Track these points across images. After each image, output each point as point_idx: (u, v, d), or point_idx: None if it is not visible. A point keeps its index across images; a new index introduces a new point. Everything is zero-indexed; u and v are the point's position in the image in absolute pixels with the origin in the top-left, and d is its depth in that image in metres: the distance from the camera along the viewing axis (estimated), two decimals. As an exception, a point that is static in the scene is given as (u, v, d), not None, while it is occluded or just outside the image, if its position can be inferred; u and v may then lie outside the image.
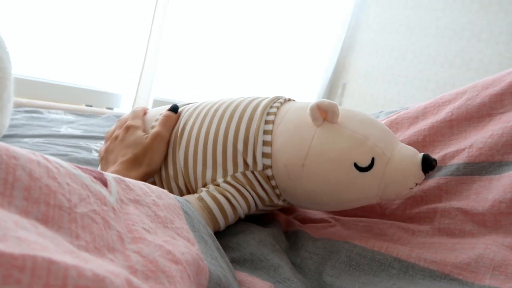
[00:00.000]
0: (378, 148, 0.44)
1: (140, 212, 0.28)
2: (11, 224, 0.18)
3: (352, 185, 0.45)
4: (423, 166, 0.44)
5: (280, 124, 0.48)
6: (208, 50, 1.91)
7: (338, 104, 2.09)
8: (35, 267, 0.16)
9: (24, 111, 1.02)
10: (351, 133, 0.45)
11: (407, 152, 0.45)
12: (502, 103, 0.51)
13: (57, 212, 0.21)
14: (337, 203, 0.47)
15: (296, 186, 0.47)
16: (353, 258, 0.43)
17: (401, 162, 0.44)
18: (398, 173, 0.44)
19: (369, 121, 0.47)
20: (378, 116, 0.79)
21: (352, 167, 0.44)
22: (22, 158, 0.22)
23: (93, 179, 0.26)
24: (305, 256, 0.46)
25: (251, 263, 0.42)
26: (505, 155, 0.47)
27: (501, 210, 0.43)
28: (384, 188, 0.45)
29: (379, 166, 0.44)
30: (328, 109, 0.45)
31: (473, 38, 1.89)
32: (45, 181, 0.22)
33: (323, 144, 0.45)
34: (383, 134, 0.46)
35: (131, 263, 0.23)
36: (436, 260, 0.40)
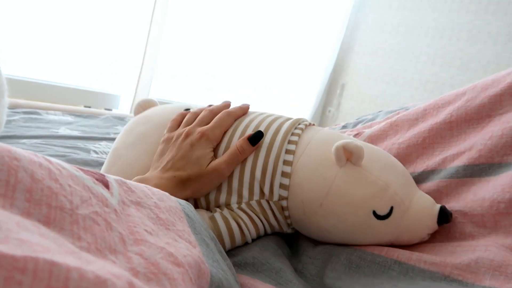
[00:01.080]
0: (398, 197, 0.44)
1: (142, 214, 0.28)
2: (13, 225, 0.18)
3: (367, 231, 0.45)
4: (439, 219, 0.44)
5: (302, 156, 0.47)
6: (207, 50, 1.91)
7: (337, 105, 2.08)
8: (37, 269, 0.16)
9: (22, 112, 1.02)
10: (374, 179, 0.44)
11: (425, 203, 0.45)
12: (501, 104, 0.51)
13: (59, 214, 0.21)
14: (348, 242, 0.47)
15: (311, 222, 0.47)
16: (353, 261, 0.43)
17: (418, 213, 0.44)
18: (414, 224, 0.44)
19: (391, 165, 0.47)
20: (377, 115, 0.79)
21: (370, 214, 0.44)
22: (24, 159, 0.22)
23: (95, 181, 0.26)
24: (306, 261, 0.46)
25: (252, 267, 0.42)
26: (504, 157, 0.47)
27: (500, 210, 0.43)
28: (397, 236, 0.45)
29: (396, 215, 0.44)
30: (354, 152, 0.44)
31: (471, 39, 1.89)
32: (47, 183, 0.22)
33: (345, 186, 0.44)
34: (404, 180, 0.46)
35: (133, 265, 0.22)
36: (436, 261, 0.40)
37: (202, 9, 1.84)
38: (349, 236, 0.46)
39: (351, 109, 2.31)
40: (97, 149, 0.85)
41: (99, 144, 0.89)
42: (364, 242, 0.46)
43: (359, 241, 0.46)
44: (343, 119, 2.33)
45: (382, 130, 0.62)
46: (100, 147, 0.87)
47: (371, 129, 0.65)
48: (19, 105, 1.08)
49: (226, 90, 2.03)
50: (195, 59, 1.88)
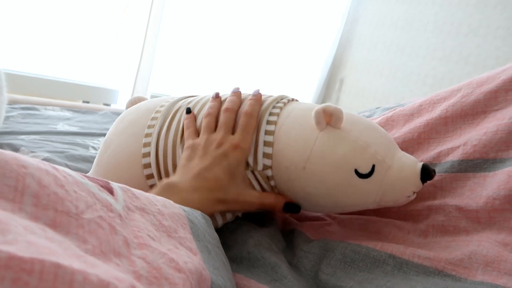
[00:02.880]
0: (379, 155, 0.45)
1: (145, 220, 0.28)
2: (21, 228, 0.19)
3: (351, 190, 0.45)
4: (422, 176, 0.45)
5: (283, 125, 0.48)
6: (205, 44, 1.90)
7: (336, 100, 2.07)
8: (43, 270, 0.17)
9: (20, 108, 1.02)
10: (354, 139, 0.45)
11: (407, 160, 0.46)
12: (496, 100, 0.52)
13: (65, 218, 0.22)
14: (334, 207, 0.48)
15: (296, 187, 0.47)
16: (348, 255, 0.44)
17: (400, 171, 0.45)
18: (397, 181, 0.45)
19: (372, 127, 0.47)
20: (374, 112, 0.79)
21: (352, 173, 0.44)
22: (31, 167, 0.23)
23: (100, 188, 0.27)
24: (301, 255, 0.46)
25: (248, 261, 0.43)
26: (499, 152, 0.48)
27: (494, 206, 0.44)
28: (382, 195, 0.45)
29: (379, 173, 0.44)
30: (333, 114, 0.45)
31: (470, 33, 1.88)
32: (53, 189, 0.23)
33: (325, 148, 0.45)
34: (385, 141, 0.46)
35: (136, 268, 0.23)
36: (430, 256, 0.41)
37: (200, 4, 1.83)
38: (334, 198, 0.46)
39: (350, 104, 2.31)
40: (96, 145, 0.85)
41: (98, 140, 0.89)
42: (349, 203, 0.47)
43: (344, 202, 0.46)
44: (342, 113, 2.32)
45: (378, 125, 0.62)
46: (98, 143, 0.87)
47: (367, 125, 0.65)
48: (17, 101, 1.08)
49: (225, 85, 2.03)
50: (193, 53, 1.88)
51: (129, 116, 0.58)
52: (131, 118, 0.57)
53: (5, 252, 0.16)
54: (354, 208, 0.48)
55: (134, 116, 0.57)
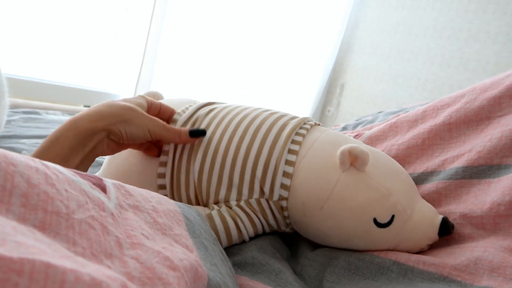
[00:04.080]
0: (400, 205, 0.44)
1: (139, 218, 0.28)
2: (10, 229, 0.18)
3: (367, 237, 0.44)
4: (440, 231, 0.44)
5: (305, 157, 0.47)
6: (206, 49, 1.91)
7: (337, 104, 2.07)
8: (33, 270, 0.16)
9: (21, 112, 1.02)
10: (376, 186, 0.44)
11: (427, 213, 0.45)
12: (500, 106, 0.52)
13: (55, 219, 0.21)
14: (346, 247, 0.47)
15: (310, 224, 0.46)
16: (352, 262, 0.43)
17: (419, 224, 0.44)
18: (414, 234, 0.44)
19: (395, 172, 0.46)
20: (377, 117, 0.79)
21: (371, 221, 0.43)
22: (21, 164, 0.22)
23: (92, 185, 0.26)
24: (305, 263, 0.46)
25: (252, 267, 0.42)
26: (503, 158, 0.47)
27: (499, 212, 0.43)
28: (397, 244, 0.45)
29: (397, 223, 0.44)
30: (359, 157, 0.43)
31: (470, 38, 1.89)
32: (43, 188, 0.22)
33: (347, 191, 0.44)
34: (407, 188, 0.45)
35: (129, 269, 0.22)
36: (435, 262, 0.40)
37: (201, 8, 1.84)
38: (348, 242, 0.45)
39: (350, 109, 2.31)
40: (97, 149, 0.85)
41: (99, 144, 0.89)
42: (363, 248, 0.46)
43: (358, 246, 0.46)
44: (342, 118, 2.33)
45: (382, 131, 0.62)
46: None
47: (371, 131, 0.65)
48: (19, 105, 1.08)
49: (226, 90, 2.03)
50: (194, 58, 1.88)
51: None
52: None
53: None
54: (366, 250, 0.47)
55: None
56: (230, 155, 0.48)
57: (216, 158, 0.48)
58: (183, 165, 0.50)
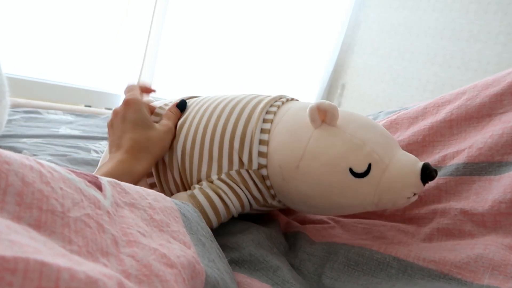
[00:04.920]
0: (376, 154, 0.42)
1: (135, 215, 0.28)
2: (3, 227, 0.18)
3: (346, 190, 0.43)
4: (422, 176, 0.42)
5: (279, 123, 0.47)
6: (207, 49, 1.91)
7: (338, 105, 2.06)
8: (27, 269, 0.16)
9: (22, 112, 1.02)
10: (349, 137, 0.43)
11: (407, 160, 0.43)
12: (501, 103, 0.51)
13: (50, 217, 0.21)
14: (330, 208, 0.46)
15: (290, 188, 0.46)
16: (351, 258, 0.43)
17: (399, 171, 0.42)
18: (396, 182, 0.42)
19: (369, 125, 0.45)
20: (377, 116, 0.79)
21: (347, 172, 0.42)
22: (15, 163, 0.22)
23: (87, 183, 0.26)
24: (304, 257, 0.45)
25: (250, 264, 0.42)
26: (504, 156, 0.47)
27: (500, 210, 0.43)
28: (379, 196, 0.43)
29: (375, 173, 0.42)
30: (328, 111, 0.43)
31: (471, 39, 1.89)
32: (38, 186, 0.22)
33: (319, 146, 0.44)
34: (383, 139, 0.44)
35: (125, 267, 0.22)
36: (435, 259, 0.40)
37: (202, 8, 1.84)
38: (329, 198, 0.44)
39: (351, 109, 2.31)
40: (98, 149, 0.85)
41: (100, 144, 0.89)
42: (345, 204, 0.44)
43: (340, 203, 0.44)
44: (343, 119, 2.32)
45: (382, 128, 0.62)
46: (100, 146, 0.87)
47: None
48: (20, 105, 1.08)
49: (227, 90, 2.03)
50: (195, 58, 1.88)
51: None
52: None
53: None
54: (351, 209, 0.46)
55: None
56: (209, 132, 0.49)
57: (196, 137, 0.50)
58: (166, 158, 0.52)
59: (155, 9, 1.65)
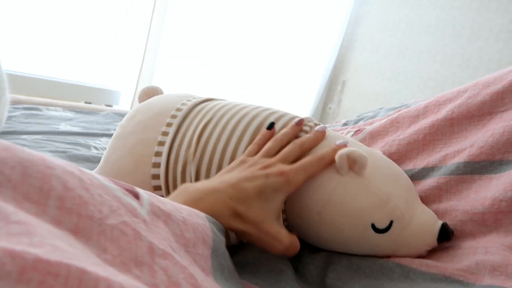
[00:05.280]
0: (399, 211, 0.43)
1: (168, 229, 0.28)
2: (47, 232, 0.18)
3: (365, 243, 0.43)
4: (439, 237, 0.43)
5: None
6: (207, 46, 1.90)
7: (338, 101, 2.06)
8: (69, 275, 0.16)
9: (22, 108, 1.02)
10: (375, 191, 0.43)
11: (427, 218, 0.44)
12: (503, 101, 0.51)
13: (88, 223, 0.22)
14: (345, 251, 0.46)
15: (308, 229, 0.45)
16: (354, 262, 0.43)
17: (419, 229, 0.43)
18: (413, 240, 0.43)
19: (394, 176, 0.45)
20: (378, 113, 0.79)
21: (369, 227, 0.42)
22: (58, 168, 0.22)
23: (125, 191, 0.26)
24: (307, 261, 0.45)
25: (253, 267, 0.42)
26: (505, 154, 0.47)
27: (501, 209, 0.43)
28: (396, 249, 0.44)
29: (396, 229, 0.43)
30: (357, 161, 0.42)
31: (472, 36, 1.88)
32: (78, 192, 0.22)
33: (344, 196, 0.43)
34: (406, 193, 0.45)
35: (156, 281, 0.22)
36: (438, 265, 0.41)
37: (202, 5, 1.83)
38: (346, 246, 0.45)
39: (351, 106, 2.31)
40: (98, 145, 0.85)
41: (100, 140, 0.89)
42: (361, 253, 0.45)
43: (356, 251, 0.45)
44: (343, 116, 2.32)
45: (383, 126, 0.62)
46: (100, 143, 0.87)
47: (372, 126, 0.64)
48: (20, 101, 1.08)
49: (227, 87, 2.03)
50: (195, 55, 1.88)
51: (141, 116, 0.55)
52: (144, 119, 0.54)
53: (33, 255, 0.16)
54: (364, 254, 0.46)
55: (147, 117, 0.54)
56: (227, 159, 0.47)
57: (213, 161, 0.48)
58: (179, 166, 0.50)
59: (155, 5, 1.65)
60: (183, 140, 0.50)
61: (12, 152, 0.21)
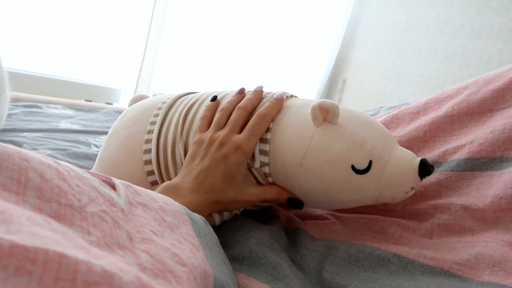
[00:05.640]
0: (377, 151, 0.44)
1: (148, 215, 0.28)
2: (24, 219, 0.19)
3: (348, 187, 0.45)
4: (420, 171, 0.44)
5: (280, 122, 0.48)
6: (208, 44, 1.90)
7: (338, 101, 2.06)
8: (47, 260, 0.16)
9: (23, 106, 1.02)
10: (350, 135, 0.45)
11: (405, 156, 0.45)
12: (503, 98, 0.51)
13: (69, 211, 0.22)
14: (332, 203, 0.48)
15: (293, 185, 0.47)
16: (352, 254, 0.43)
17: (398, 166, 0.44)
18: (395, 177, 0.44)
19: (369, 122, 0.47)
20: (378, 111, 0.79)
21: (349, 169, 0.44)
22: (33, 160, 0.23)
23: (102, 182, 0.27)
24: (304, 253, 0.45)
25: (249, 260, 0.42)
26: (506, 151, 0.47)
27: (501, 206, 0.43)
28: (380, 191, 0.45)
29: (376, 169, 0.44)
30: (329, 109, 0.44)
31: (473, 35, 1.88)
32: (56, 182, 0.23)
33: (322, 144, 0.45)
34: (383, 136, 0.46)
35: (140, 261, 0.23)
36: (436, 257, 0.40)
37: (203, 3, 1.83)
38: (331, 194, 0.46)
39: (352, 105, 2.31)
40: (98, 143, 0.85)
41: (100, 138, 0.89)
42: (347, 199, 0.46)
43: (342, 199, 0.46)
44: (344, 115, 2.32)
45: (383, 123, 0.62)
46: (100, 141, 0.87)
47: (372, 123, 0.64)
48: (20, 99, 1.08)
49: (227, 85, 2.03)
50: (196, 53, 1.88)
51: (131, 113, 0.59)
52: (133, 115, 0.58)
53: (8, 241, 0.16)
54: (352, 204, 0.47)
55: (135, 113, 0.58)
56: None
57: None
58: (168, 146, 0.52)
59: (156, 4, 1.64)
60: (170, 125, 0.53)
61: None
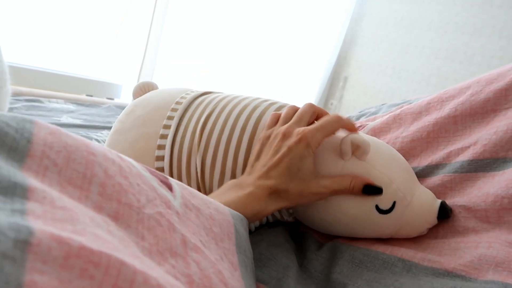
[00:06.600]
0: (401, 192, 0.45)
1: (199, 221, 0.28)
2: (88, 220, 0.19)
3: (369, 224, 0.45)
4: (439, 214, 0.45)
5: None
6: (209, 39, 1.90)
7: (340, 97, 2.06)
8: (109, 265, 0.17)
9: (24, 100, 1.02)
10: (378, 174, 0.45)
11: (426, 198, 0.46)
12: (506, 98, 0.51)
13: (127, 211, 0.22)
14: (349, 234, 0.48)
15: (313, 214, 0.47)
16: (356, 257, 0.44)
17: (419, 209, 0.45)
18: (415, 218, 0.45)
19: (394, 160, 0.47)
20: (380, 109, 0.79)
21: (373, 209, 0.44)
22: (99, 155, 0.23)
23: (159, 182, 0.27)
24: (312, 257, 0.46)
25: (259, 262, 0.43)
26: (509, 152, 0.47)
27: (503, 205, 0.43)
28: (398, 229, 0.46)
29: (398, 209, 0.45)
30: (361, 146, 0.44)
31: (475, 33, 1.88)
32: (118, 179, 0.23)
33: None
34: (407, 175, 0.47)
35: (190, 272, 0.23)
36: (440, 260, 0.41)
37: (203, 4, 1.82)
38: (351, 229, 0.46)
39: (353, 102, 2.31)
40: (99, 138, 0.85)
41: (101, 133, 0.89)
42: (364, 234, 0.47)
43: (360, 233, 0.47)
44: (345, 112, 2.32)
45: (385, 123, 0.62)
46: (102, 135, 0.87)
47: (374, 122, 0.64)
48: (21, 93, 1.08)
49: (229, 81, 2.02)
50: (197, 48, 1.87)
51: (140, 110, 0.55)
52: (143, 113, 0.54)
53: (77, 242, 0.16)
54: (369, 237, 0.48)
55: (146, 112, 0.54)
56: (231, 151, 0.48)
57: (218, 152, 0.49)
58: (183, 157, 0.50)
59: (156, 6, 1.64)
60: (186, 133, 0.51)
61: (58, 137, 0.21)
